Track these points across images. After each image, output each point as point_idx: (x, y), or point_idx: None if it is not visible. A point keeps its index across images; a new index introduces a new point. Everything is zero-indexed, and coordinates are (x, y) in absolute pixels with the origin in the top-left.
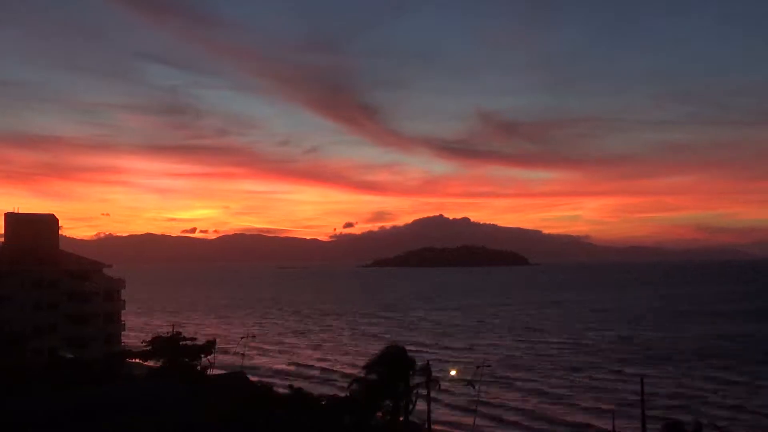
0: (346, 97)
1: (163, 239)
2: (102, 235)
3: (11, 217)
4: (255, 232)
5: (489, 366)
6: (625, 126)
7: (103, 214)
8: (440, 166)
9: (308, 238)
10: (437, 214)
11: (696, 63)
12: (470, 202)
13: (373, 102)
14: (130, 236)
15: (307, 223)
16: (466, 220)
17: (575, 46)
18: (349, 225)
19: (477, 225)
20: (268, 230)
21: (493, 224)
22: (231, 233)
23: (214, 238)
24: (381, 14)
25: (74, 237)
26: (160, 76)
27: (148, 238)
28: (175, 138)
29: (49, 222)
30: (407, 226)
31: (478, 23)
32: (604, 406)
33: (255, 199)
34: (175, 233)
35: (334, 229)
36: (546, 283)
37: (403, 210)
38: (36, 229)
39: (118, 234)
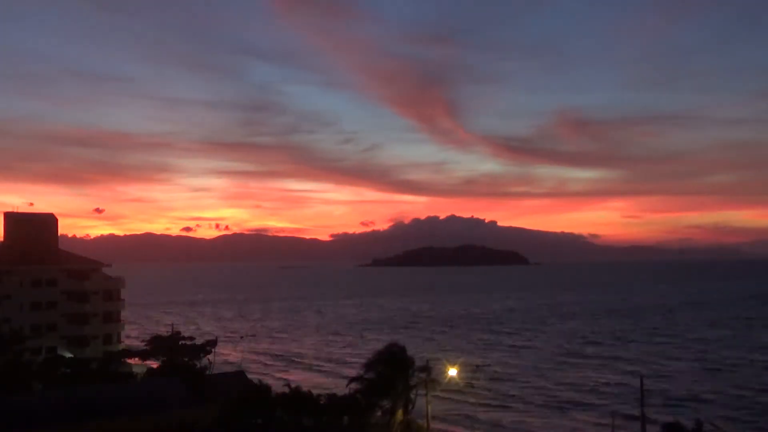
0: (434, 93)
1: (162, 239)
2: (102, 235)
3: (11, 217)
4: (254, 233)
5: (489, 365)
6: (698, 124)
7: (95, 210)
8: (490, 165)
9: (307, 237)
10: (450, 214)
11: None
12: (499, 202)
13: (461, 98)
14: (130, 236)
15: (326, 223)
16: (473, 219)
17: (688, 40)
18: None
19: (484, 225)
20: (280, 230)
21: (506, 225)
22: (231, 233)
23: (212, 238)
24: (514, 7)
25: (85, 238)
26: (256, 72)
27: (147, 238)
28: (238, 135)
29: (49, 222)
30: (412, 226)
31: (603, 17)
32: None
33: (289, 198)
34: (175, 233)
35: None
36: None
37: (430, 210)
38: (35, 229)
39: (120, 234)
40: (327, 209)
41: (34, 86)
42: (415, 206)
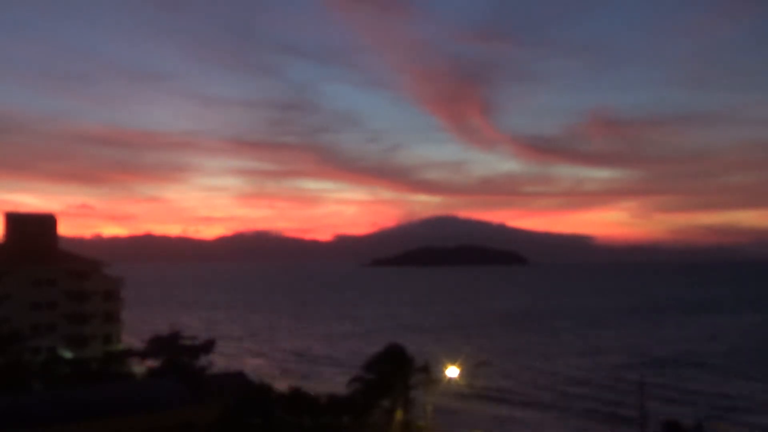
0: (472, 91)
1: (161, 240)
2: (94, 235)
3: (11, 217)
4: (256, 233)
5: (489, 364)
6: (730, 123)
7: (81, 206)
8: (510, 164)
9: (307, 238)
10: (452, 214)
11: None
12: (512, 202)
13: (498, 96)
14: (131, 237)
15: (334, 223)
16: (475, 221)
17: (736, 39)
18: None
19: (488, 225)
20: (286, 230)
21: (515, 225)
22: (231, 234)
23: (212, 239)
24: (571, 6)
25: (83, 237)
26: (297, 71)
27: (146, 238)
28: (265, 134)
29: (48, 222)
30: (415, 226)
31: (654, 17)
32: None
33: (303, 199)
34: (175, 233)
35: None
36: None
37: (441, 209)
38: (35, 229)
39: (122, 234)
40: (338, 209)
41: (72, 84)
42: (428, 206)
